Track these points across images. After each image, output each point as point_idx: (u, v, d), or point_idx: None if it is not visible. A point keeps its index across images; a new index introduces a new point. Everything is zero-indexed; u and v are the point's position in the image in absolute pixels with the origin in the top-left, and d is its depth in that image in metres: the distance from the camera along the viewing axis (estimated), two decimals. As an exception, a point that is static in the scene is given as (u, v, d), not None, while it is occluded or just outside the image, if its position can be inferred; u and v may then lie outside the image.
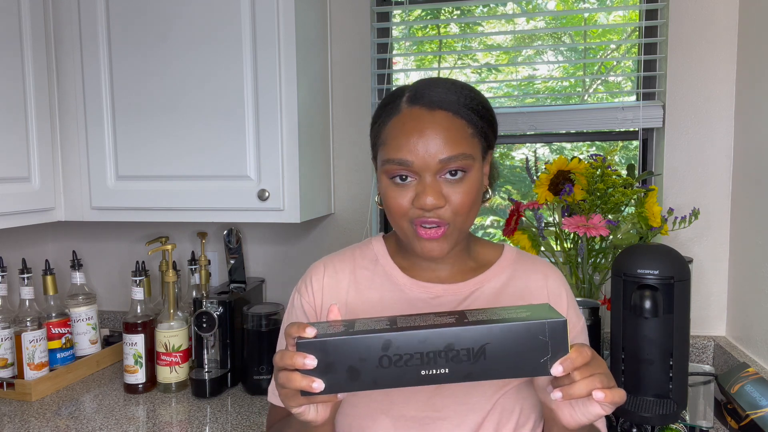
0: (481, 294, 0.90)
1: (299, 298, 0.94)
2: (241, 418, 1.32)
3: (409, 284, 0.90)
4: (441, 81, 0.85)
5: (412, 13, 1.78)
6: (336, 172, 1.72)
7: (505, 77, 1.81)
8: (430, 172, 0.79)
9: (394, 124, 0.82)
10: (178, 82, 1.41)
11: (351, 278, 0.92)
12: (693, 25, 1.50)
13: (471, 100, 0.83)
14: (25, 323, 1.45)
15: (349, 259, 0.95)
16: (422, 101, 0.81)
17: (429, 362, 0.65)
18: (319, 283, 0.92)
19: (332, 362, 0.65)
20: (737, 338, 1.47)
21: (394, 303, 0.89)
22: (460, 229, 0.83)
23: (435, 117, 0.80)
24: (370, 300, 0.90)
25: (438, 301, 0.89)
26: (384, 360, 0.65)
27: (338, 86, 1.70)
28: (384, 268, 0.92)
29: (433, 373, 0.65)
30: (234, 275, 1.59)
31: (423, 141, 0.79)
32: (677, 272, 1.04)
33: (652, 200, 1.35)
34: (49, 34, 1.46)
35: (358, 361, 0.65)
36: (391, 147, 0.81)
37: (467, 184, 0.81)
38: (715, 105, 1.51)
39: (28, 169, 1.41)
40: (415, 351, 0.65)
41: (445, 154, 0.78)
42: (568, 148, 1.77)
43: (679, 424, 1.13)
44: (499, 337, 0.65)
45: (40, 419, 1.32)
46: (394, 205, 0.82)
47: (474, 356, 0.65)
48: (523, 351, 0.65)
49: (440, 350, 0.65)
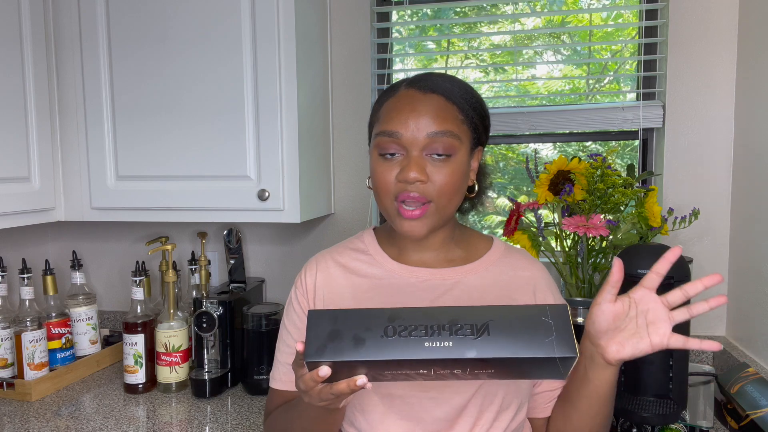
0: (469, 282, 0.92)
1: (295, 293, 0.98)
2: (241, 418, 1.32)
3: (397, 269, 0.93)
4: (441, 74, 0.90)
5: (416, 13, 1.78)
6: (336, 172, 1.72)
7: (504, 78, 1.81)
8: (417, 147, 0.83)
9: (389, 103, 0.87)
10: (178, 81, 1.41)
11: (342, 269, 0.96)
12: (693, 25, 1.50)
13: (466, 92, 0.88)
14: (25, 323, 1.45)
15: (341, 252, 0.99)
16: (418, 85, 0.87)
17: (433, 334, 0.66)
18: (312, 277, 0.96)
19: (339, 330, 0.67)
20: (737, 338, 1.47)
21: (384, 287, 0.92)
22: (442, 212, 0.86)
23: (429, 98, 0.85)
24: (360, 286, 0.93)
25: (426, 284, 0.91)
26: (389, 330, 0.66)
27: (338, 86, 1.70)
28: (374, 257, 0.96)
29: (437, 345, 0.65)
30: (234, 275, 1.59)
31: (414, 116, 0.83)
32: (677, 272, 1.04)
33: (652, 200, 1.35)
34: (49, 34, 1.46)
35: (363, 330, 0.67)
36: (384, 120, 0.86)
37: (452, 166, 0.84)
38: (715, 105, 1.51)
39: (28, 169, 1.41)
40: (419, 323, 0.67)
41: (434, 128, 0.82)
42: (573, 146, 1.77)
43: (679, 424, 1.13)
44: (501, 316, 0.67)
45: (40, 419, 1.32)
46: (379, 180, 0.86)
47: (477, 331, 0.66)
48: (526, 330, 0.66)
49: (444, 324, 0.67)
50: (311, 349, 0.67)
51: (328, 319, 0.67)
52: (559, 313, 0.67)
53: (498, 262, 0.95)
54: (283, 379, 0.97)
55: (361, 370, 0.68)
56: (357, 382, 0.68)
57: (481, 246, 0.97)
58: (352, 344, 0.66)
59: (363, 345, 0.66)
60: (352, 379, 0.68)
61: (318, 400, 0.72)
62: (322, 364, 0.67)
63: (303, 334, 0.95)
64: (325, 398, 0.71)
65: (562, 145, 1.77)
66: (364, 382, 0.68)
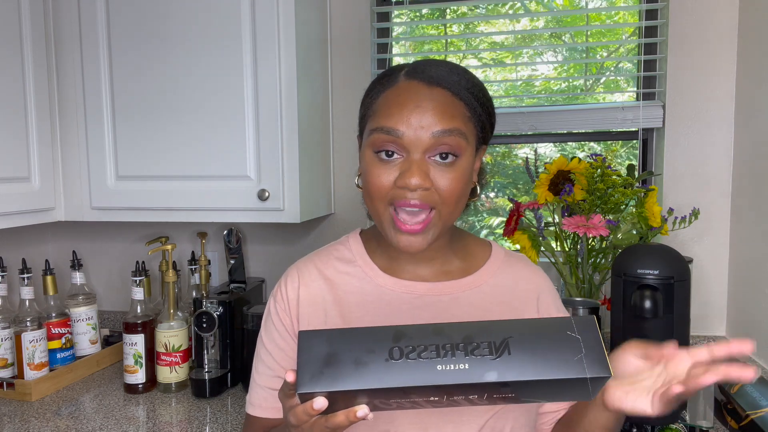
0: (469, 298, 0.84)
1: (274, 307, 0.88)
2: (241, 418, 1.32)
3: (390, 284, 0.84)
4: (442, 62, 0.80)
5: (413, 13, 1.78)
6: (336, 172, 1.72)
7: (504, 77, 1.81)
8: (419, 150, 0.73)
9: (388, 95, 0.77)
10: (178, 82, 1.41)
11: (328, 284, 0.85)
12: (693, 25, 1.50)
13: (473, 85, 0.78)
14: (25, 323, 1.45)
15: (325, 261, 0.88)
16: (421, 76, 0.76)
17: (446, 355, 0.56)
18: (295, 291, 0.86)
19: (336, 353, 0.57)
20: (737, 338, 1.47)
21: (375, 305, 0.83)
22: (445, 222, 0.77)
23: (433, 93, 0.75)
24: (348, 303, 0.83)
25: (422, 301, 0.82)
26: (395, 351, 0.57)
27: (338, 86, 1.70)
28: (362, 269, 0.85)
29: (451, 368, 0.56)
30: (234, 275, 1.59)
31: (418, 113, 0.73)
32: (677, 272, 1.04)
33: (652, 200, 1.35)
34: (49, 34, 1.46)
35: (365, 353, 0.56)
36: (382, 115, 0.75)
37: (457, 170, 0.75)
38: (715, 105, 1.51)
39: (28, 169, 1.41)
40: (429, 342, 0.57)
41: (439, 126, 0.72)
42: (573, 146, 1.77)
43: (679, 424, 1.13)
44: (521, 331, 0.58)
45: (40, 419, 1.32)
46: (374, 183, 0.75)
47: (497, 350, 0.56)
48: (551, 348, 0.57)
49: (458, 342, 0.57)
50: (305, 377, 0.56)
51: (322, 341, 0.57)
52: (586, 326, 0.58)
53: (498, 272, 0.87)
54: (263, 405, 0.86)
55: (362, 398, 0.58)
56: (357, 414, 0.57)
57: (479, 254, 0.89)
58: (353, 369, 0.56)
59: (365, 370, 0.56)
60: (351, 410, 0.58)
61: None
62: (318, 395, 0.56)
63: (285, 352, 0.85)
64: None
65: (562, 146, 1.77)
66: (365, 413, 0.58)
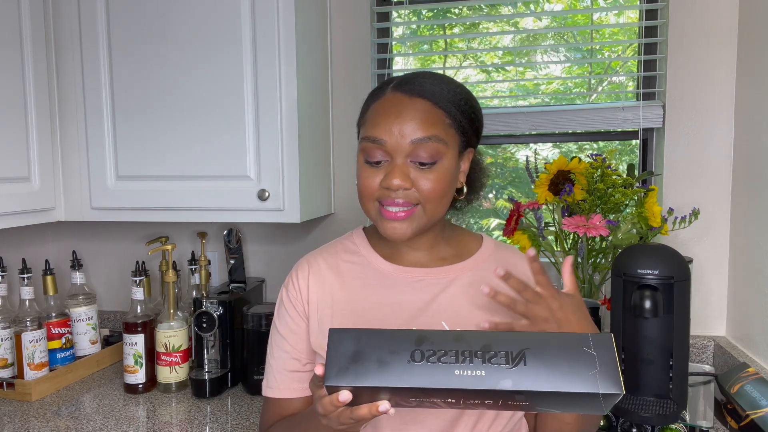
0: (464, 281, 0.91)
1: (287, 295, 0.96)
2: (241, 418, 1.32)
3: (390, 270, 0.92)
4: (431, 74, 0.88)
5: (413, 14, 1.78)
6: (336, 172, 1.72)
7: (504, 78, 1.81)
8: (401, 154, 0.83)
9: (376, 106, 0.86)
10: (178, 81, 1.41)
11: (335, 272, 0.94)
12: (693, 25, 1.50)
13: (455, 95, 0.86)
14: (25, 323, 1.45)
15: (332, 254, 0.97)
16: (405, 88, 0.85)
17: (464, 361, 0.61)
18: (305, 280, 0.94)
19: (362, 351, 0.62)
20: (737, 338, 1.47)
21: (378, 289, 0.91)
22: (430, 216, 0.86)
23: (414, 103, 0.83)
24: (354, 288, 0.92)
25: (421, 284, 0.91)
26: (416, 354, 0.62)
27: (338, 86, 1.70)
28: (366, 258, 0.94)
29: (469, 374, 0.60)
30: (234, 275, 1.59)
31: (398, 122, 0.82)
32: (677, 272, 1.04)
33: (652, 200, 1.35)
34: (49, 34, 1.46)
35: (388, 353, 0.62)
36: (369, 126, 0.85)
37: (437, 172, 0.83)
38: (715, 105, 1.51)
39: (28, 169, 1.41)
40: (449, 348, 0.61)
41: (417, 134, 0.82)
42: (574, 148, 1.77)
43: (679, 424, 1.13)
44: (539, 344, 0.62)
45: (40, 419, 1.32)
46: (363, 185, 0.86)
47: (513, 360, 0.61)
48: (567, 361, 0.60)
49: (477, 350, 0.61)
50: (332, 371, 0.63)
51: (350, 339, 0.63)
52: (602, 343, 0.61)
53: (490, 258, 0.95)
54: (280, 387, 0.94)
55: (384, 394, 0.63)
56: (379, 408, 0.64)
57: (471, 244, 0.97)
58: (376, 368, 0.61)
59: (388, 369, 0.61)
60: (374, 405, 0.65)
61: (337, 423, 0.69)
62: (343, 389, 0.62)
63: (298, 335, 0.93)
64: (344, 422, 0.68)
65: (564, 146, 1.77)
66: (386, 407, 0.64)
